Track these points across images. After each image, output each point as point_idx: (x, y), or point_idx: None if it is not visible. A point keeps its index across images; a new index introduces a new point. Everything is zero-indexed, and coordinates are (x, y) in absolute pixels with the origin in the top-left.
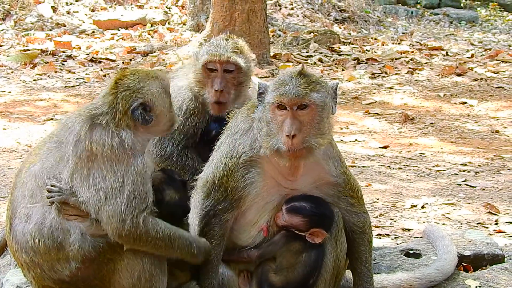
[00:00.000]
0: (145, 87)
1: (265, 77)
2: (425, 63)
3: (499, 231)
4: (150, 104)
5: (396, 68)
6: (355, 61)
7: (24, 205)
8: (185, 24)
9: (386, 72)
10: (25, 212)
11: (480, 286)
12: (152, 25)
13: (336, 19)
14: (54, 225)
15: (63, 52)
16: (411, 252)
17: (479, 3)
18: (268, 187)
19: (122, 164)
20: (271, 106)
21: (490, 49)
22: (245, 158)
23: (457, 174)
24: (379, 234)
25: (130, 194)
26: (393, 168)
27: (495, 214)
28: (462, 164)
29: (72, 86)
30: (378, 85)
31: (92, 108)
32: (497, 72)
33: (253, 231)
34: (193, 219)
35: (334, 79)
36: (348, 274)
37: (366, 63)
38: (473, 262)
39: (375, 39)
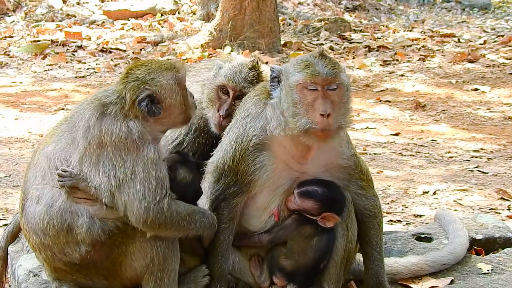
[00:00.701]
0: (154, 78)
1: None
2: (437, 50)
3: (511, 217)
4: (158, 96)
5: (407, 55)
6: (366, 49)
7: (36, 186)
8: (195, 14)
9: (397, 60)
10: (36, 194)
11: (491, 269)
12: (162, 15)
13: (347, 8)
14: (63, 207)
15: (74, 42)
16: (423, 236)
17: None
18: (278, 171)
19: (131, 154)
20: (298, 87)
21: (502, 36)
22: (256, 141)
23: (469, 160)
24: (391, 220)
25: (144, 181)
26: (405, 155)
27: (507, 200)
28: (474, 151)
29: (83, 76)
30: (390, 73)
31: (103, 96)
32: (510, 59)
33: (264, 216)
34: (204, 203)
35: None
36: (359, 257)
37: (377, 50)
38: (485, 245)
39: (386, 26)
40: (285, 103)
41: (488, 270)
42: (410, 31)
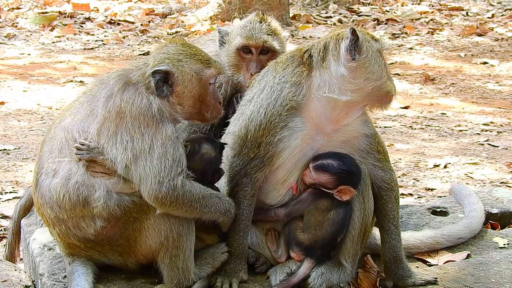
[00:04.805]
0: (181, 61)
1: None
2: (445, 24)
3: None
4: (173, 78)
5: (416, 28)
6: (375, 22)
7: (52, 160)
8: None
9: (406, 33)
10: (52, 167)
11: (508, 243)
12: None
13: None
14: (80, 180)
15: (82, 14)
16: (438, 210)
17: None
18: (307, 138)
19: (150, 128)
20: (382, 52)
21: (510, 9)
22: (293, 104)
23: (479, 134)
24: (402, 194)
25: (161, 156)
26: (415, 128)
27: None
28: (484, 124)
29: (91, 48)
30: (398, 46)
31: (132, 63)
32: None
33: (282, 189)
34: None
35: None
36: (376, 232)
37: (386, 23)
38: (500, 219)
39: None
40: (376, 66)
41: (504, 244)
42: (419, 4)
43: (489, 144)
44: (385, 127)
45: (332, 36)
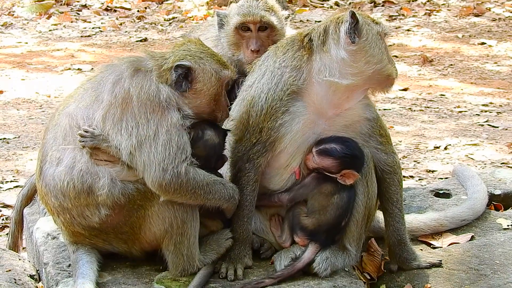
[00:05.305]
0: (203, 59)
1: None
2: (443, 5)
3: None
4: (194, 75)
5: (413, 10)
6: (372, 4)
7: (56, 147)
8: None
9: (403, 15)
10: (56, 156)
11: (511, 225)
12: None
13: None
14: (84, 168)
15: (78, 1)
16: (441, 192)
17: None
18: (309, 122)
19: (155, 114)
20: (383, 35)
21: None
22: (294, 89)
23: (479, 114)
24: (403, 176)
25: (165, 143)
26: (415, 110)
27: None
28: (483, 105)
29: (88, 36)
30: (396, 28)
31: (146, 52)
32: None
33: (285, 174)
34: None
35: None
36: (380, 215)
37: (382, 5)
38: (503, 200)
39: None
40: (372, 50)
41: (508, 225)
42: None
43: (489, 124)
44: (384, 109)
45: (332, 19)
